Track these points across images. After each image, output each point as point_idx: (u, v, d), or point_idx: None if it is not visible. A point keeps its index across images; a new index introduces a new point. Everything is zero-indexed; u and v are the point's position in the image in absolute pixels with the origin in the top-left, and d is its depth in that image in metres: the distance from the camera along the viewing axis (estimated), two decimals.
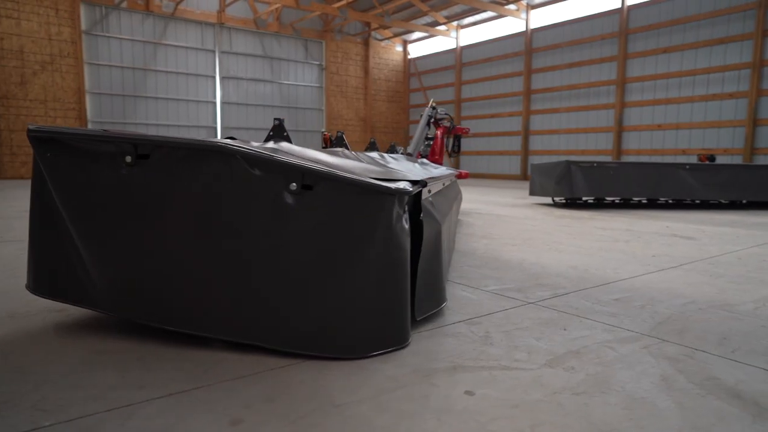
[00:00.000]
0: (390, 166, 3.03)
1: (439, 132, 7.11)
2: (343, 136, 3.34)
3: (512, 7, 18.05)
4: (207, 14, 18.76)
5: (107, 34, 17.14)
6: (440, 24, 20.75)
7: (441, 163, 7.24)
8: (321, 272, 1.72)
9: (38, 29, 16.05)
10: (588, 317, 2.23)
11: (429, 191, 2.30)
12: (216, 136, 19.58)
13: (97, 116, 17.17)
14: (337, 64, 22.23)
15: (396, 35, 23.20)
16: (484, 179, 18.75)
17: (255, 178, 1.72)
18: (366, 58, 22.93)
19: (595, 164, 7.26)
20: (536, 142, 18.09)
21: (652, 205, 8.00)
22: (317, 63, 21.83)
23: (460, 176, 6.82)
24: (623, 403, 1.44)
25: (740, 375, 1.64)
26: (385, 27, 22.34)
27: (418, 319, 2.05)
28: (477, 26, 20.41)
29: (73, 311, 2.22)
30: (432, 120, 7.12)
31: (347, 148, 3.42)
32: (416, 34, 22.97)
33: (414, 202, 2.01)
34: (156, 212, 1.80)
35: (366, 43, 22.83)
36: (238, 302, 1.76)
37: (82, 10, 16.71)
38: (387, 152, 5.70)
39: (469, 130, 7.46)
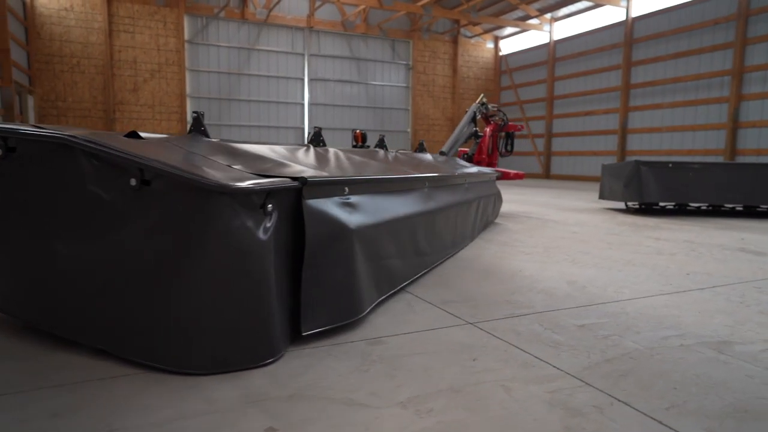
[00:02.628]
0: (341, 162, 2.79)
1: (488, 129, 6.60)
2: (320, 131, 3.15)
3: None
4: (297, 19, 19.49)
5: (207, 43, 18.47)
6: (532, 17, 19.69)
7: (493, 164, 6.74)
8: (158, 277, 1.55)
9: (149, 41, 17.71)
10: (520, 346, 1.84)
11: (345, 190, 2.04)
12: (303, 137, 20.32)
13: None
14: (425, 63, 22.02)
15: (486, 31, 22.44)
16: (572, 181, 17.45)
17: (100, 173, 1.60)
18: (454, 57, 22.46)
19: (670, 164, 6.33)
20: (634, 142, 16.47)
21: (750, 213, 6.82)
22: (404, 63, 21.79)
23: (507, 177, 6.29)
24: None
25: None
26: (475, 23, 21.69)
27: (304, 334, 1.81)
28: (572, 18, 19.08)
29: None
30: (479, 117, 6.64)
31: (324, 144, 3.23)
32: (508, 30, 22.05)
33: (296, 203, 1.77)
34: (21, 208, 1.75)
35: (455, 41, 22.35)
36: (86, 304, 1.65)
37: (186, 22, 18.17)
38: (416, 151, 5.40)
39: (522, 127, 6.83)
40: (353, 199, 2.11)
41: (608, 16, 17.55)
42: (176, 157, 1.64)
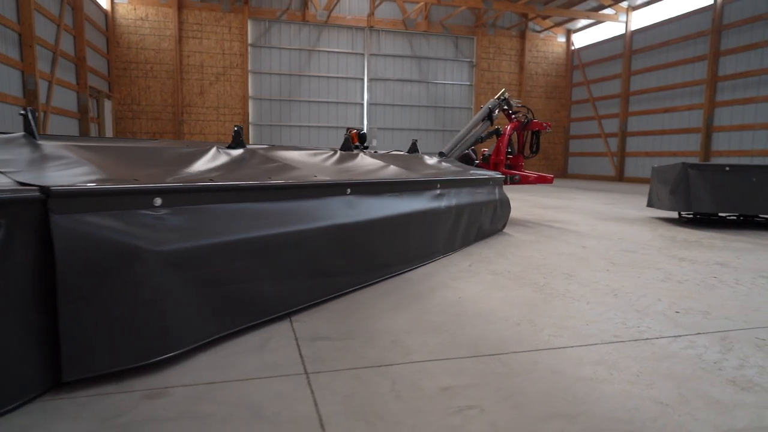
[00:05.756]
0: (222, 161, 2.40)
1: (508, 128, 5.89)
2: (241, 131, 2.79)
3: None
4: (358, 19, 19.40)
5: (269, 45, 18.87)
6: (606, 7, 18.17)
7: (519, 166, 6.01)
8: None
9: (215, 46, 18.40)
10: (325, 418, 1.36)
11: (157, 202, 1.65)
12: None
13: (257, 120, 19.05)
14: (489, 60, 21.11)
15: (557, 25, 21.08)
16: (640, 185, 15.80)
17: None
18: (521, 52, 21.32)
19: (727, 167, 5.30)
20: (721, 141, 14.63)
21: None
22: (468, 60, 21.01)
23: (527, 181, 5.57)
24: None
25: None
26: (544, 17, 20.46)
27: (66, 380, 1.45)
28: (651, 6, 17.36)
29: None
30: (499, 114, 5.94)
31: (243, 145, 2.86)
32: (582, 22, 20.58)
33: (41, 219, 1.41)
34: None
35: (522, 36, 21.22)
36: None
37: (250, 26, 18.67)
38: (409, 151, 4.89)
39: (549, 125, 6.04)
40: (173, 212, 1.72)
41: (693, 0, 15.75)
42: None
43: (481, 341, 1.95)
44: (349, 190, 2.62)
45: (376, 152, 4.61)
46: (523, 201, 8.54)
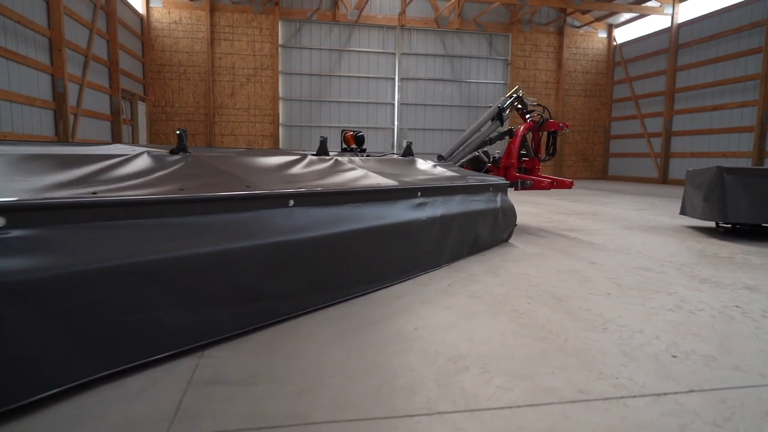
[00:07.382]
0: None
1: (521, 129, 5.40)
2: (184, 134, 2.52)
3: None
4: (389, 18, 19.10)
5: (299, 46, 18.82)
6: None
7: (535, 169, 5.53)
8: None
9: (246, 47, 18.51)
10: None
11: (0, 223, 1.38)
12: (393, 138, 19.87)
13: (288, 120, 19.03)
14: (525, 58, 20.36)
15: (597, 19, 20.11)
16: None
17: None
18: (559, 49, 20.46)
19: None
20: None
21: None
22: (502, 58, 20.34)
23: (539, 186, 5.10)
24: None
25: None
26: (584, 11, 19.55)
27: None
28: None
29: None
30: (509, 113, 5.47)
31: (186, 151, 2.59)
32: (624, 16, 19.54)
33: None
34: None
35: (560, 32, 20.36)
36: None
37: (280, 27, 18.68)
38: (404, 154, 4.52)
39: (567, 125, 5.49)
40: (29, 234, 1.45)
41: None
42: None
43: (407, 394, 1.59)
44: (291, 202, 2.30)
45: (368, 156, 4.28)
46: (546, 206, 8.01)
